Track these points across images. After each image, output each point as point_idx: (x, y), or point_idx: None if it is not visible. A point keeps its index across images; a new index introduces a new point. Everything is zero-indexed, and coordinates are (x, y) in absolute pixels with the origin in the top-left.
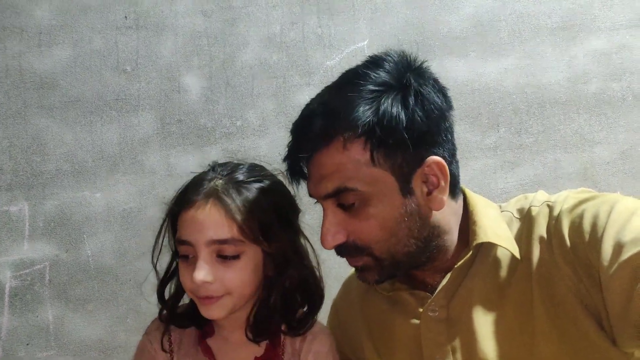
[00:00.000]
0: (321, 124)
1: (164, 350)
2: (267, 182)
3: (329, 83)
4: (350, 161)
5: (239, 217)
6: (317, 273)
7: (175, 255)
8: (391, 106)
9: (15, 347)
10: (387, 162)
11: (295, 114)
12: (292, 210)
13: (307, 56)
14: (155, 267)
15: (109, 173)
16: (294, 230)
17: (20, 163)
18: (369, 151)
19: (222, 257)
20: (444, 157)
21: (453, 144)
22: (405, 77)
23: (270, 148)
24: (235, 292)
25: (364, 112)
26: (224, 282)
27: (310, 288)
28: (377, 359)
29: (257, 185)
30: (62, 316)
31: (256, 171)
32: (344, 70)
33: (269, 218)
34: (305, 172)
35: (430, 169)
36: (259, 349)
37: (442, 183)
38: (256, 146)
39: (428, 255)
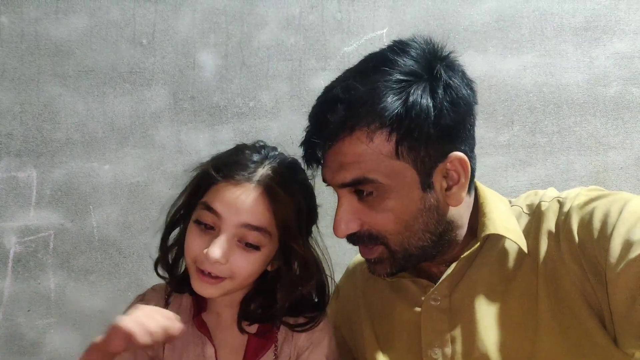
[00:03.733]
0: (345, 112)
1: None
2: (305, 185)
3: (345, 69)
4: (373, 152)
5: (279, 213)
6: (330, 270)
7: (184, 207)
8: (420, 97)
9: (16, 312)
10: (410, 155)
11: (309, 98)
12: (315, 217)
13: (324, 40)
14: (167, 219)
15: (119, 145)
16: (310, 231)
17: (31, 130)
18: (394, 143)
19: (243, 243)
20: (465, 153)
21: (474, 139)
22: (435, 67)
23: (282, 131)
24: (238, 279)
25: (392, 102)
26: (233, 267)
27: (318, 291)
28: (376, 345)
29: (298, 187)
30: (64, 285)
31: (298, 171)
32: (360, 57)
33: (301, 222)
34: (321, 158)
35: (452, 165)
36: (252, 328)
37: (463, 180)
38: (268, 128)
39: (439, 249)
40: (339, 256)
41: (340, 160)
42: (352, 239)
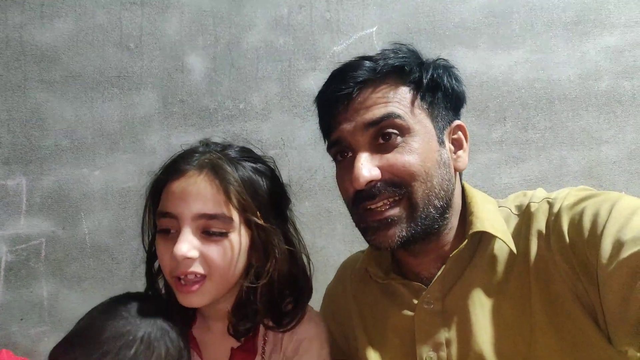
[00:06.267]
0: (374, 64)
1: None
2: (260, 165)
3: (335, 68)
4: (401, 95)
5: (232, 192)
6: (308, 267)
7: (155, 228)
8: (436, 68)
9: (9, 321)
10: (429, 109)
11: (299, 99)
12: (284, 197)
13: (314, 40)
14: (145, 246)
15: (109, 151)
16: (285, 220)
17: (19, 137)
18: (418, 96)
19: (208, 234)
20: None
21: None
22: (437, 59)
23: (272, 132)
24: (217, 273)
25: (415, 65)
26: (207, 259)
27: (298, 283)
28: (370, 350)
29: (251, 165)
30: (57, 293)
31: (248, 152)
32: (351, 56)
33: (261, 199)
34: (339, 115)
35: (454, 132)
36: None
37: (465, 144)
38: (258, 129)
39: (441, 225)
40: (333, 257)
41: (368, 102)
42: (372, 192)
